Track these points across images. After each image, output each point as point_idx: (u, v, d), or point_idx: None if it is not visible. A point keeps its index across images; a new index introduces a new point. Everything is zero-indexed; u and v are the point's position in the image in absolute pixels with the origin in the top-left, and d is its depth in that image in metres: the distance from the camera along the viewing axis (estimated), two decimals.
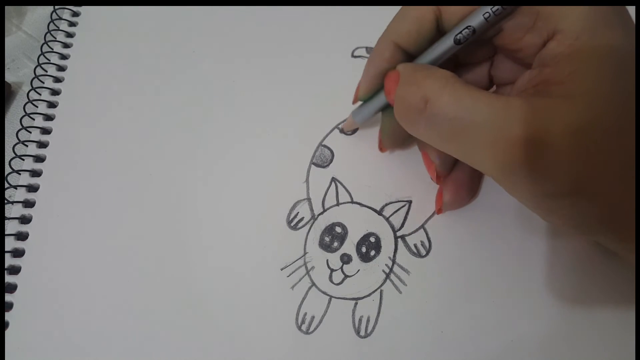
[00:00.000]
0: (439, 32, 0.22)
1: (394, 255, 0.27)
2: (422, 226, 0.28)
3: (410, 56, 0.23)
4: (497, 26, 0.21)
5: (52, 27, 0.36)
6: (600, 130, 0.17)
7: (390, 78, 0.23)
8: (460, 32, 0.21)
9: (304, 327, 0.26)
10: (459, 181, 0.26)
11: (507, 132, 0.18)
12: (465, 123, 0.19)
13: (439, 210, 0.27)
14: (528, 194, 0.19)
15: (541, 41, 0.20)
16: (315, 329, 0.26)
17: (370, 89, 0.25)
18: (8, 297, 0.28)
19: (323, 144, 0.31)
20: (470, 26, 0.21)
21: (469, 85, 0.19)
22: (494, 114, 0.18)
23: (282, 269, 0.28)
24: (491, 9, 0.20)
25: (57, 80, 0.34)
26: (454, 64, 0.25)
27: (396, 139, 0.27)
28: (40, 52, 0.34)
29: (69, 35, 0.36)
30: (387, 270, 0.27)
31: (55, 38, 0.35)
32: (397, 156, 0.30)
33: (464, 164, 0.22)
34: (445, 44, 0.22)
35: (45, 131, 0.32)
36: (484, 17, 0.20)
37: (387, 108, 0.26)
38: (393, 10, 0.24)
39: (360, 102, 0.27)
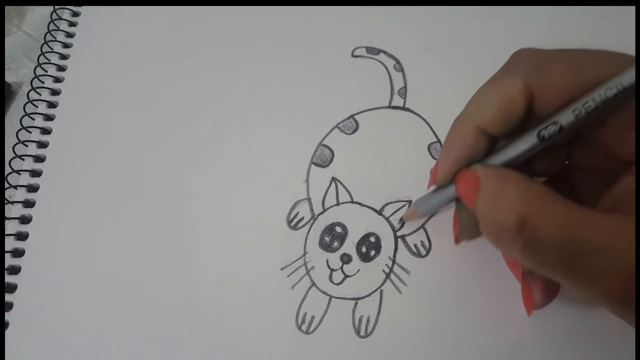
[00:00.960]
0: (530, 116, 0.19)
1: (394, 255, 0.27)
2: (422, 226, 0.28)
3: (493, 140, 0.21)
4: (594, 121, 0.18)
5: (52, 27, 0.36)
6: None
7: (466, 180, 0.20)
8: (545, 128, 0.18)
9: (304, 327, 0.26)
10: (547, 279, 0.23)
11: (631, 260, 0.15)
12: (573, 249, 0.16)
13: (530, 313, 0.24)
14: None
15: None
16: (315, 329, 0.26)
17: (448, 177, 0.22)
18: (8, 297, 0.28)
19: (323, 143, 0.31)
20: (556, 122, 0.18)
21: (570, 202, 0.17)
22: (610, 239, 0.16)
23: (282, 269, 0.28)
24: (583, 105, 0.17)
25: (57, 80, 0.34)
26: None
27: (476, 232, 0.23)
28: (40, 52, 0.34)
29: (69, 35, 0.36)
30: (387, 270, 0.27)
31: (55, 38, 0.35)
32: (397, 156, 0.30)
33: None
34: (529, 141, 0.19)
35: (45, 131, 0.32)
36: (574, 115, 0.17)
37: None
38: (393, 10, 0.23)
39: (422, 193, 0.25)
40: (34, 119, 0.33)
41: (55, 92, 0.34)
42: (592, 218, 0.16)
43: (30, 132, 0.32)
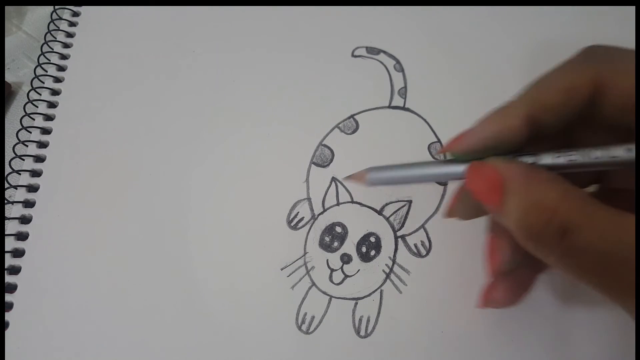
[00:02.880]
0: (593, 112, 0.18)
1: (394, 255, 0.27)
2: (422, 226, 0.28)
3: (539, 132, 0.19)
4: None
5: (52, 27, 0.36)
6: None
7: (485, 178, 0.18)
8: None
9: (304, 327, 0.26)
10: (518, 280, 0.22)
11: None
12: (615, 258, 0.15)
13: (481, 305, 0.24)
14: None
15: None
16: (315, 329, 0.26)
17: (473, 150, 0.19)
18: (8, 297, 0.28)
19: (323, 143, 0.31)
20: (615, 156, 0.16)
21: (609, 208, 0.16)
22: None
23: (282, 269, 0.28)
24: None
25: (57, 80, 0.34)
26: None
27: (473, 215, 0.22)
28: (40, 52, 0.34)
29: (69, 35, 0.36)
30: (387, 270, 0.27)
31: (55, 38, 0.35)
32: (397, 156, 0.30)
33: (527, 261, 0.20)
34: (579, 158, 0.17)
35: (45, 131, 0.32)
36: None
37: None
38: (393, 10, 0.23)
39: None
40: (34, 119, 0.33)
41: (55, 92, 0.34)
42: (632, 226, 0.15)
43: (30, 132, 0.32)
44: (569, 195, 0.16)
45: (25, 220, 0.30)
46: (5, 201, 0.30)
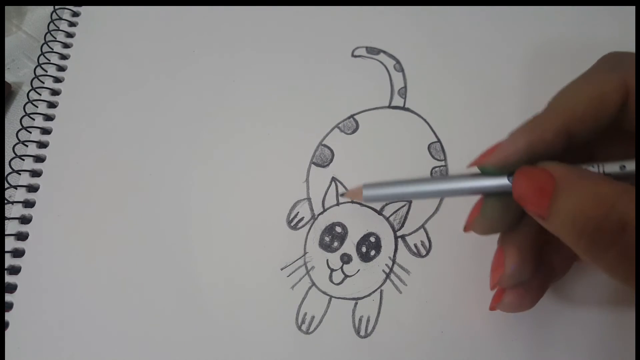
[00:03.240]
0: (617, 122, 0.18)
1: (394, 255, 0.27)
2: (422, 226, 0.28)
3: (570, 141, 0.18)
4: None
5: (52, 27, 0.36)
6: None
7: (535, 179, 0.17)
8: None
9: (304, 327, 0.26)
10: (529, 286, 0.22)
11: None
12: None
13: (492, 308, 0.24)
14: None
15: None
16: (315, 329, 0.26)
17: (506, 162, 0.19)
18: (8, 297, 0.28)
19: (323, 143, 0.31)
20: None
21: None
22: None
23: (282, 269, 0.28)
24: None
25: (57, 80, 0.34)
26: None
27: (498, 227, 0.22)
28: (40, 52, 0.34)
29: (69, 35, 0.36)
30: (387, 270, 0.27)
31: (55, 38, 0.35)
32: (397, 156, 0.30)
33: (538, 273, 0.20)
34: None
35: (45, 131, 0.32)
36: None
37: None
38: (394, 10, 0.23)
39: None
40: (34, 119, 0.33)
41: (55, 92, 0.34)
42: None
43: (30, 132, 0.32)
44: (627, 189, 0.16)
45: (25, 220, 0.30)
46: (5, 201, 0.30)
